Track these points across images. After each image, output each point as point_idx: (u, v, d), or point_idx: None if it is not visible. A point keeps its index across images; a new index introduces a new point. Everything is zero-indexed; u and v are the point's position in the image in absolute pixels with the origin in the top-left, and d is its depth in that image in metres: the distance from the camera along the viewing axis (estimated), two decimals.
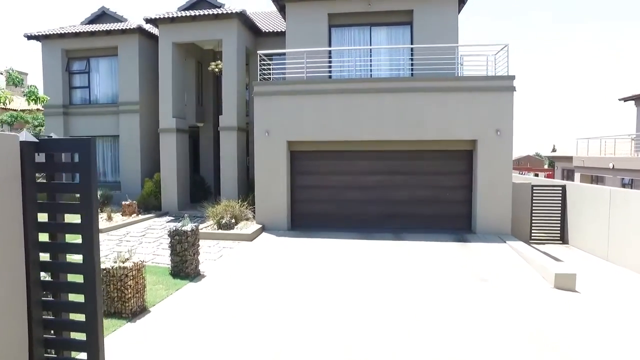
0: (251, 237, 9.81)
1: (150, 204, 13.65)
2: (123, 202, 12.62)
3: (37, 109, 19.39)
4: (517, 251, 8.50)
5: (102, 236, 10.08)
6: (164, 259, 7.89)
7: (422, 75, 10.98)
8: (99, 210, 12.95)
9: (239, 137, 13.31)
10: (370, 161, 11.03)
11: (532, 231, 11.45)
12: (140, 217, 12.51)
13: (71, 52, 15.34)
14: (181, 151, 13.94)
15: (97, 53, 15.19)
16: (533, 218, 11.47)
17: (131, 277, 5.28)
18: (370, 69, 12.02)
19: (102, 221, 11.56)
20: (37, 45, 16.29)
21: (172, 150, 13.51)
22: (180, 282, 6.65)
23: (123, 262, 5.37)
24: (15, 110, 22.42)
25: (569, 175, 24.64)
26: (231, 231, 10.09)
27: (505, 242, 9.33)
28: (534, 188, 11.59)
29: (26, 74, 25.10)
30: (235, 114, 13.15)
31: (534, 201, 11.51)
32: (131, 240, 9.71)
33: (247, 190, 13.84)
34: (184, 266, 6.92)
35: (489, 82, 10.26)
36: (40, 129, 21.64)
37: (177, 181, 13.57)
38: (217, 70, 14.95)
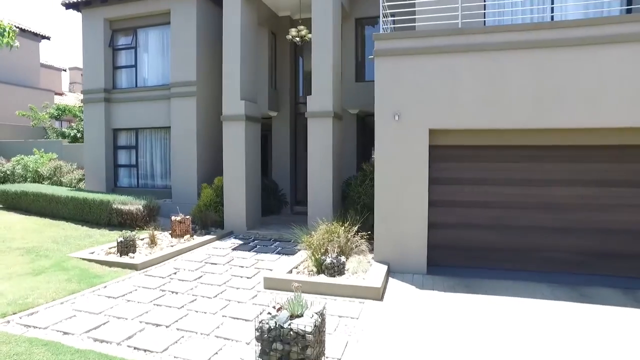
0: (379, 293, 5.70)
1: (209, 219, 10.01)
2: (172, 217, 9.05)
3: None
4: None
5: (135, 277, 6.43)
6: (236, 349, 3.98)
7: None
8: (138, 229, 9.37)
9: (335, 128, 9.30)
10: (561, 163, 6.57)
11: None
12: (196, 239, 8.87)
13: (115, 22, 12.16)
14: (252, 147, 10.19)
15: (146, 22, 11.87)
16: None
17: None
18: (552, 8, 7.44)
19: (143, 248, 8.00)
20: (77, 16, 13.29)
21: (239, 146, 9.78)
22: None
23: None
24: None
25: None
26: (342, 279, 6.04)
27: None
28: None
29: (43, 37, 22.72)
30: (331, 94, 9.15)
31: None
32: (179, 292, 5.92)
33: (341, 202, 9.82)
34: None
35: None
36: None
37: (245, 188, 9.82)
38: (298, 38, 11.07)
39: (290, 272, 6.42)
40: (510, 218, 6.78)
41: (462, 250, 7.00)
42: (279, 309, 3.56)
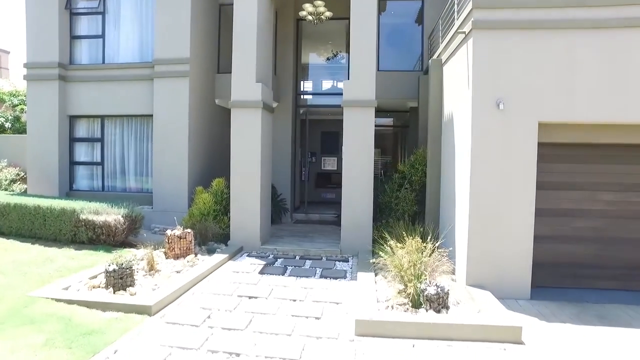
0: (520, 334, 4.17)
1: (208, 232, 7.86)
2: (169, 231, 6.83)
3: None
4: None
5: (155, 328, 4.28)
6: None
7: None
8: (119, 248, 5.60)
9: (369, 122, 7.66)
10: None
11: None
12: (203, 260, 6.75)
13: None
14: (266, 141, 8.23)
15: None
16: None
17: None
18: None
19: (140, 276, 5.77)
20: None
21: (253, 140, 7.77)
22: None
23: None
24: None
25: None
26: (459, 316, 4.43)
27: None
28: None
29: None
30: (373, 79, 7.54)
31: None
32: (239, 353, 3.91)
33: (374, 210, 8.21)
34: None
35: None
36: (22, 109, 15.44)
37: (260, 193, 7.83)
38: (312, 17, 9.33)
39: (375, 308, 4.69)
40: (614, 228, 5.68)
41: (564, 267, 5.76)
42: None
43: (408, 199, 8.15)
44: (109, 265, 5.10)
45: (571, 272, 5.76)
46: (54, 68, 9.17)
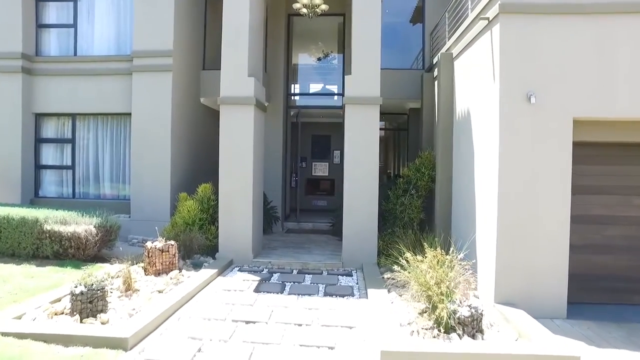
0: None
1: (193, 243, 6.97)
2: (149, 243, 5.95)
3: None
4: None
5: None
6: None
7: None
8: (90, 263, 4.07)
9: (373, 121, 6.98)
10: None
11: None
12: (188, 277, 5.88)
13: None
14: (259, 143, 7.45)
15: None
16: None
17: None
18: None
19: (115, 297, 4.88)
20: None
21: (245, 140, 6.96)
22: None
23: None
24: None
25: None
26: (497, 347, 3.75)
27: None
28: None
29: None
30: (378, 75, 6.88)
31: None
32: None
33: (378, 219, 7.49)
34: None
35: None
36: None
37: (252, 200, 7.02)
38: (306, 10, 8.65)
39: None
40: None
41: (598, 280, 5.18)
42: None
43: (414, 206, 7.49)
44: (76, 287, 4.19)
45: (606, 285, 5.18)
46: (17, 59, 8.15)
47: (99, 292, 4.23)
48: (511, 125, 4.78)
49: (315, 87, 12.65)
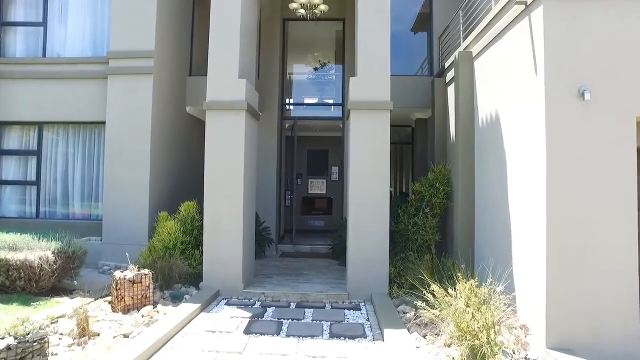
0: None
1: (173, 271, 5.90)
2: (116, 273, 4.91)
3: None
4: None
5: None
6: None
7: None
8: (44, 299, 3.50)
9: (383, 129, 6.08)
10: None
11: None
12: (164, 314, 4.83)
13: None
14: (251, 154, 6.51)
15: None
16: None
17: None
18: None
19: (63, 350, 3.81)
20: None
21: (235, 151, 6.01)
22: None
23: None
24: None
25: None
26: None
27: None
28: None
29: None
30: (388, 77, 6.04)
31: None
32: None
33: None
34: None
35: None
36: None
37: (243, 220, 6.02)
38: (304, 11, 7.91)
39: None
40: None
41: None
42: None
43: (428, 226, 6.55)
44: (2, 338, 3.13)
45: None
46: None
47: (35, 344, 3.19)
48: (562, 128, 3.92)
49: (311, 100, 11.90)
